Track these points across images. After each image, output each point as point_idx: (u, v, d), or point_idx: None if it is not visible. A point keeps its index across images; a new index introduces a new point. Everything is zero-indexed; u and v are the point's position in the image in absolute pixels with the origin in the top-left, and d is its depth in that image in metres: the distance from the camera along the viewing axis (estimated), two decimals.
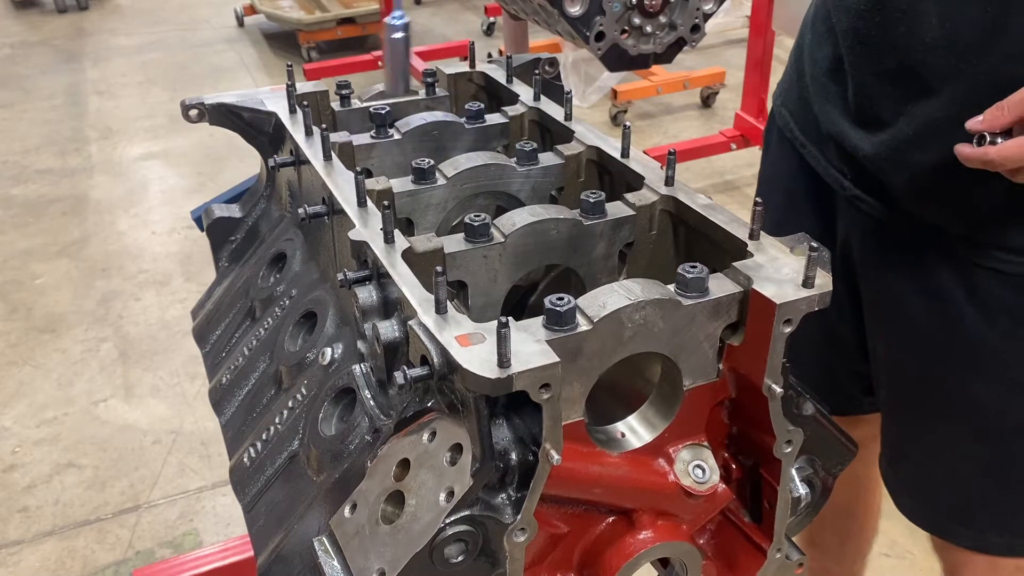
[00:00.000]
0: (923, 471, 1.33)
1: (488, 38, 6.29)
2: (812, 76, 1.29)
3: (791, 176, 1.37)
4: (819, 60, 1.27)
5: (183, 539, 2.52)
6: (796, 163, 1.35)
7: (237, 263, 1.37)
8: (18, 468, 2.79)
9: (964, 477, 1.29)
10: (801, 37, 1.35)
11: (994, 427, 1.22)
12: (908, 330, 1.25)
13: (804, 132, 1.33)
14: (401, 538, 0.79)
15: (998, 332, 1.16)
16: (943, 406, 1.25)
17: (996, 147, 0.98)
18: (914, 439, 1.32)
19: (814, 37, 1.29)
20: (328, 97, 1.33)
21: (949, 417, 1.25)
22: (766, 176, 1.49)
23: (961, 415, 1.24)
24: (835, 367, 1.44)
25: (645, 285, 0.80)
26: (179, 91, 5.58)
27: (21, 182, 4.60)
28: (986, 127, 0.99)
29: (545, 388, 0.72)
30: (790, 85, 1.38)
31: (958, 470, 1.29)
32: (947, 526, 1.33)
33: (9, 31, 7.01)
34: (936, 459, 1.30)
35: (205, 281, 2.11)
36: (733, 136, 4.25)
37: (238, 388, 1.17)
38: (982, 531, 1.30)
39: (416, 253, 0.92)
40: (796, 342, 0.83)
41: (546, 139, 1.25)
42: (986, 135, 0.99)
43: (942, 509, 1.33)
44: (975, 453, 1.26)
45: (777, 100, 1.42)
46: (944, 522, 1.34)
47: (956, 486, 1.30)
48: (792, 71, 1.38)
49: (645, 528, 0.89)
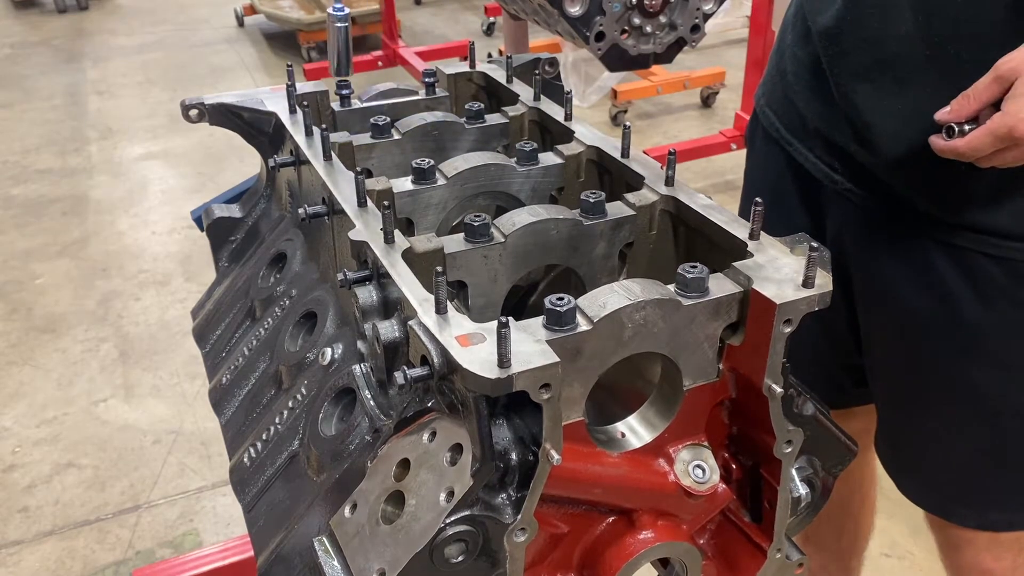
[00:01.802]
0: (925, 454, 1.34)
1: (488, 38, 6.29)
2: (795, 74, 1.31)
3: (778, 174, 1.39)
4: (801, 58, 1.29)
5: (183, 539, 2.52)
6: (783, 162, 1.37)
7: (237, 263, 1.37)
8: (18, 468, 2.79)
9: (965, 459, 1.31)
10: (782, 37, 1.37)
11: (991, 408, 1.24)
12: (905, 317, 1.26)
13: (790, 130, 1.35)
14: (401, 538, 0.79)
15: (995, 315, 1.18)
16: (941, 390, 1.27)
17: (965, 139, 1.00)
18: (914, 424, 1.34)
19: (795, 37, 1.31)
20: (328, 97, 1.33)
21: (948, 400, 1.27)
22: (752, 176, 1.51)
23: (959, 398, 1.26)
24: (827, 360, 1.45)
25: (645, 285, 0.80)
26: (179, 91, 5.58)
27: (21, 182, 4.60)
28: (953, 117, 1.02)
29: (545, 388, 0.72)
30: (773, 85, 1.39)
31: (958, 452, 1.31)
32: (950, 507, 1.36)
33: (9, 31, 7.02)
34: (937, 442, 1.32)
35: (205, 281, 2.11)
36: (733, 136, 4.25)
37: (238, 388, 1.17)
38: (983, 510, 1.33)
39: (416, 253, 0.92)
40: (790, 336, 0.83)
41: (546, 139, 1.25)
42: (954, 125, 1.01)
43: (945, 491, 1.36)
44: (974, 435, 1.28)
45: (760, 100, 1.43)
46: (947, 504, 1.36)
47: (957, 468, 1.33)
48: (774, 71, 1.39)
49: (645, 528, 0.89)
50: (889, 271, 1.25)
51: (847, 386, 1.47)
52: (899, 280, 1.24)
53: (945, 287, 1.19)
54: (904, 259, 1.22)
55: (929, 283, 1.20)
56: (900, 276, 1.23)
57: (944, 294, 1.19)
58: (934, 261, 1.19)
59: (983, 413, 1.25)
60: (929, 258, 1.19)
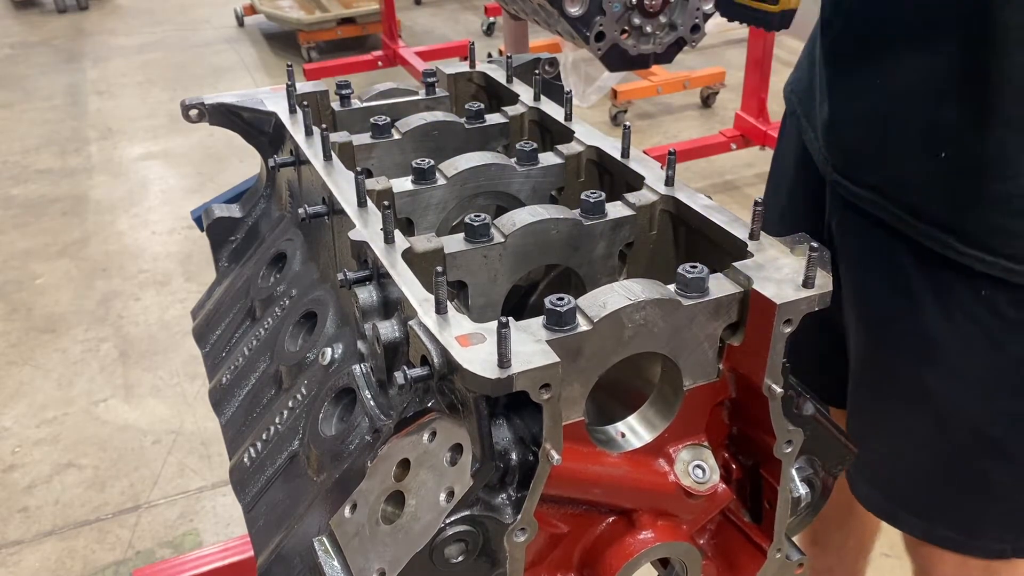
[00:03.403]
0: (878, 459, 1.33)
1: (488, 38, 6.29)
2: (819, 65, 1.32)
3: (797, 158, 1.41)
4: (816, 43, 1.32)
5: (183, 539, 2.53)
6: (801, 147, 1.39)
7: (237, 263, 1.37)
8: (18, 468, 2.79)
9: (916, 467, 1.29)
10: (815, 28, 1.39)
11: (945, 420, 1.23)
12: (872, 318, 1.26)
13: (807, 117, 1.37)
14: (401, 538, 0.79)
15: (954, 327, 1.17)
16: (898, 395, 1.27)
17: None
18: (870, 426, 1.33)
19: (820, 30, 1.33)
20: (328, 97, 1.33)
21: (903, 406, 1.27)
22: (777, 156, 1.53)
23: (914, 406, 1.25)
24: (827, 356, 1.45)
25: (645, 285, 0.80)
26: (179, 91, 5.58)
27: (21, 182, 4.60)
28: None
29: (545, 388, 0.72)
30: (801, 73, 1.42)
31: (911, 460, 1.30)
32: (899, 515, 1.34)
33: (9, 31, 7.02)
34: (890, 448, 1.31)
35: (205, 281, 2.11)
36: (733, 136, 4.25)
37: (238, 388, 1.17)
38: (931, 522, 1.30)
39: (416, 253, 0.92)
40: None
41: (546, 139, 1.25)
42: None
43: (895, 498, 1.34)
44: (927, 444, 1.26)
45: (788, 87, 1.46)
46: (896, 511, 1.34)
47: (909, 475, 1.31)
48: (804, 59, 1.42)
49: (645, 528, 0.89)
50: (863, 268, 1.26)
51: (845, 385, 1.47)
52: (872, 279, 1.25)
53: (911, 292, 1.19)
54: (878, 258, 1.23)
55: (897, 286, 1.21)
56: (874, 275, 1.24)
57: (910, 298, 1.19)
58: (903, 263, 1.19)
59: (936, 423, 1.24)
60: (899, 260, 1.19)
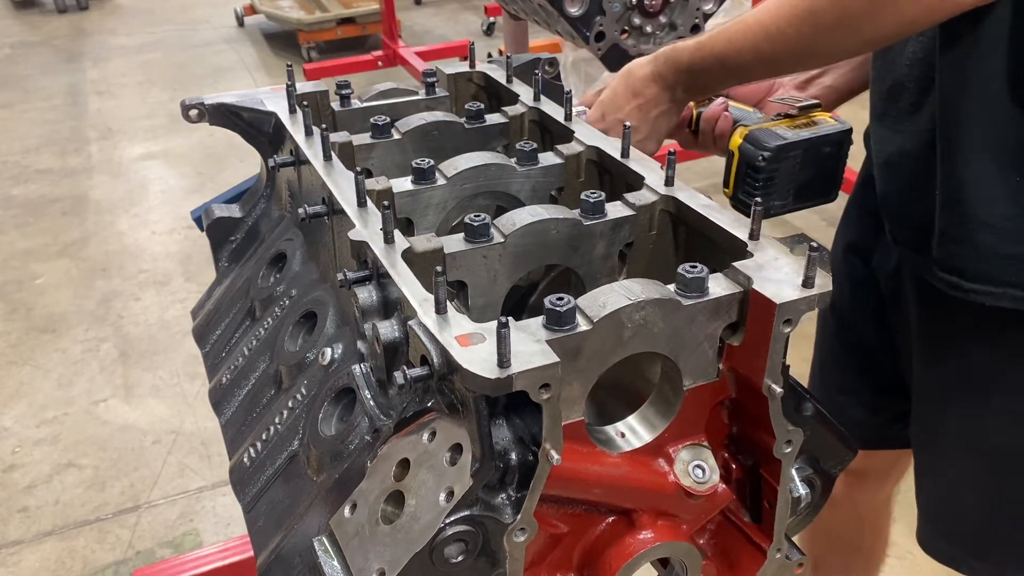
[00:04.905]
0: (939, 503, 1.31)
1: (488, 38, 6.29)
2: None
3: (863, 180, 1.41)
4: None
5: (183, 539, 2.53)
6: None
7: (237, 263, 1.37)
8: (18, 468, 2.79)
9: (978, 510, 1.27)
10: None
11: (1003, 460, 1.21)
12: (929, 356, 1.25)
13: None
14: (401, 538, 0.79)
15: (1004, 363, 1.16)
16: (955, 436, 1.25)
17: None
18: (930, 469, 1.31)
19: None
20: (328, 97, 1.33)
21: (961, 448, 1.25)
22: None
23: (971, 446, 1.23)
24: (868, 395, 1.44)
25: (645, 285, 0.80)
26: (179, 91, 5.58)
27: (21, 182, 4.60)
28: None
29: (545, 388, 0.72)
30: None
31: (971, 503, 1.27)
32: (964, 560, 1.31)
33: (9, 31, 7.02)
34: (951, 490, 1.29)
35: (205, 281, 2.11)
36: None
37: (238, 388, 1.17)
38: (1000, 566, 1.28)
39: (416, 253, 0.92)
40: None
41: (546, 139, 1.25)
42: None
43: (959, 543, 1.31)
44: (986, 485, 1.25)
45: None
46: (960, 556, 1.31)
47: (971, 519, 1.28)
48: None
49: (645, 528, 0.89)
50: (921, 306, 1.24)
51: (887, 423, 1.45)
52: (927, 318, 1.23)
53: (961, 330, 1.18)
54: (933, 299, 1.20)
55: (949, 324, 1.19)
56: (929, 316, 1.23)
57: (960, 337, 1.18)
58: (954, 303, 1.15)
59: (995, 463, 1.22)
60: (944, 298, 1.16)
